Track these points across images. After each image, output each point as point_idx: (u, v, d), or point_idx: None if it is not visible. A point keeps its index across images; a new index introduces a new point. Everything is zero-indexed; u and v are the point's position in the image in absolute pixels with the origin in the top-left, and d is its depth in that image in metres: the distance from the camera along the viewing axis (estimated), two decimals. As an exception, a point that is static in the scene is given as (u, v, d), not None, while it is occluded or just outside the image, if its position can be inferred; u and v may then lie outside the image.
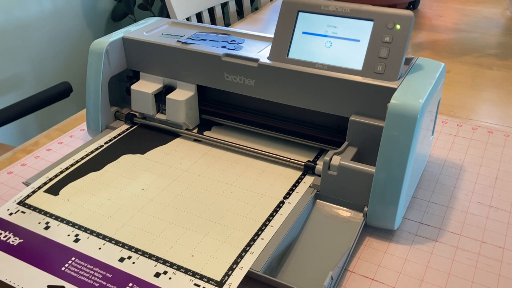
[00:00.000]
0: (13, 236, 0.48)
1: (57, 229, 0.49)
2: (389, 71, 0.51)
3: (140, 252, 0.46)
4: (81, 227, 0.49)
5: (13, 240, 0.48)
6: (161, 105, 0.64)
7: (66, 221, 0.50)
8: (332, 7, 0.54)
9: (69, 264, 0.45)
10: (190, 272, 0.43)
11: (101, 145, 0.61)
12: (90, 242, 0.47)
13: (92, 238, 0.47)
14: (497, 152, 0.65)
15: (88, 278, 0.43)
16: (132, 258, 0.45)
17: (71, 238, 0.47)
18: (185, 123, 0.63)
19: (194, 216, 0.50)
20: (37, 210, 0.51)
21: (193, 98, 0.63)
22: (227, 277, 0.43)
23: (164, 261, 0.45)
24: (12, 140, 1.65)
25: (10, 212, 0.51)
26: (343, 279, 0.46)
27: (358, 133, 0.52)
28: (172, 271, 0.44)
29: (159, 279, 0.43)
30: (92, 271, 0.44)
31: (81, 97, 1.61)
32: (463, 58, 0.94)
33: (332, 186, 0.52)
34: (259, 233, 0.48)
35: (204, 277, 0.43)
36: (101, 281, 0.43)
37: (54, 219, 0.50)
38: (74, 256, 0.46)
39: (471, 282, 0.46)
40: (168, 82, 0.64)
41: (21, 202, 0.52)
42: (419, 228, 0.52)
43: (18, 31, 1.60)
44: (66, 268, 0.45)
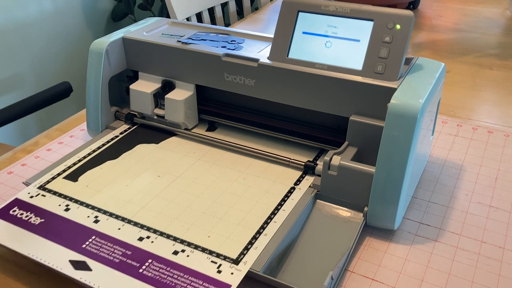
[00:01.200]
0: (34, 216, 0.50)
1: (77, 211, 0.51)
2: (389, 71, 0.51)
3: (159, 232, 0.48)
4: (100, 210, 0.51)
5: (34, 220, 0.50)
6: (160, 100, 0.64)
7: (85, 204, 0.52)
8: (332, 7, 0.54)
9: (89, 242, 0.47)
10: (207, 250, 0.46)
11: (116, 135, 0.63)
12: (109, 223, 0.49)
13: (111, 220, 0.49)
14: (497, 152, 0.65)
15: (108, 254, 0.45)
16: (150, 237, 0.47)
17: (91, 219, 0.50)
18: (184, 123, 0.63)
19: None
20: (57, 194, 0.53)
21: (192, 97, 0.63)
22: (242, 256, 0.45)
23: (182, 240, 0.47)
24: (12, 140, 1.65)
25: (31, 195, 0.53)
26: (343, 279, 0.46)
27: (358, 133, 0.52)
28: (190, 250, 0.46)
29: (177, 256, 0.45)
30: (112, 248, 0.46)
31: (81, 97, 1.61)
32: (463, 58, 0.94)
33: (332, 186, 0.52)
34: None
35: (221, 255, 0.45)
36: (121, 257, 0.45)
37: (74, 202, 0.52)
38: (94, 235, 0.48)
39: (471, 282, 0.46)
40: (166, 81, 0.64)
41: (41, 187, 0.54)
42: (419, 228, 0.52)
43: (18, 31, 1.60)
44: (87, 246, 0.46)
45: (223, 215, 0.50)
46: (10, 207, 0.51)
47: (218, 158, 0.59)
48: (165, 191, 0.54)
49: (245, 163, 0.58)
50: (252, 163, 0.58)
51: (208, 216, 0.50)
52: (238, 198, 0.52)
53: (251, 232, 0.48)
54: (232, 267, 0.44)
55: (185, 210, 0.51)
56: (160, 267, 0.44)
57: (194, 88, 0.62)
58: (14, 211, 0.51)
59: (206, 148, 0.61)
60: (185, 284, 0.42)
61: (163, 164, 0.58)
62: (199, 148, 0.61)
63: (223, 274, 0.43)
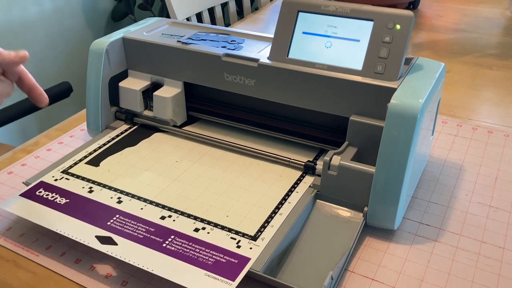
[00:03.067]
0: (59, 197, 0.52)
1: (100, 193, 0.53)
2: (389, 71, 0.51)
3: (179, 212, 0.50)
4: (122, 192, 0.53)
5: (60, 200, 0.52)
6: (149, 102, 0.65)
7: (108, 186, 0.54)
8: (332, 7, 0.54)
9: (114, 220, 0.49)
10: (227, 228, 0.48)
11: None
12: (132, 203, 0.52)
13: (134, 201, 0.52)
14: (497, 152, 0.65)
15: (132, 231, 0.48)
16: (172, 216, 0.50)
17: (114, 200, 0.52)
18: (172, 120, 0.63)
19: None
20: (80, 177, 0.56)
21: (180, 95, 0.63)
22: (260, 233, 0.47)
23: (202, 219, 0.49)
24: (12, 140, 1.65)
25: (55, 179, 0.55)
26: (343, 279, 0.46)
27: (358, 133, 0.52)
28: (210, 227, 0.48)
29: (198, 233, 0.48)
30: (136, 226, 0.48)
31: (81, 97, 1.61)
32: (463, 58, 0.94)
33: (332, 186, 0.52)
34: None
35: (239, 232, 0.48)
36: (145, 234, 0.47)
37: (96, 185, 0.54)
38: (118, 214, 0.50)
39: (471, 282, 0.46)
40: (155, 79, 0.64)
41: (65, 171, 0.57)
42: (419, 228, 0.52)
43: (18, 31, 1.60)
44: (112, 223, 0.49)
45: (238, 199, 0.52)
46: (36, 188, 0.53)
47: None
48: (184, 175, 0.56)
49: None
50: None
51: (225, 198, 0.52)
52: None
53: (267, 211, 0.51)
54: (250, 242, 0.46)
55: (203, 193, 0.53)
56: (183, 242, 0.47)
57: (182, 85, 0.63)
58: (40, 192, 0.53)
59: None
60: (207, 257, 0.45)
61: (179, 151, 0.60)
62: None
63: (243, 248, 0.46)
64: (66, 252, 0.49)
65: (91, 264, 0.48)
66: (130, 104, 0.65)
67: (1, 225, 0.53)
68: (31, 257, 0.49)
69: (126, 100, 0.65)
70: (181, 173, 0.56)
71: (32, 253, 0.49)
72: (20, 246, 0.50)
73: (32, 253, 0.49)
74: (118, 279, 0.46)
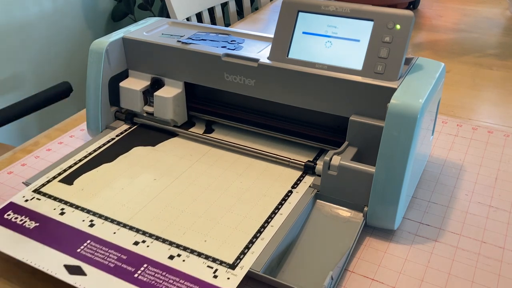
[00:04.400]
0: (29, 220, 0.49)
1: (72, 215, 0.50)
2: (389, 71, 0.51)
3: (154, 236, 0.47)
4: (95, 214, 0.50)
5: (29, 223, 0.49)
6: (149, 97, 0.65)
7: (81, 208, 0.51)
8: (332, 7, 0.54)
9: (84, 246, 0.46)
10: (203, 255, 0.45)
11: (113, 138, 0.63)
12: (105, 227, 0.48)
13: (106, 224, 0.49)
14: (497, 152, 0.65)
15: (103, 259, 0.45)
16: (146, 242, 0.47)
17: (86, 223, 0.49)
18: (173, 120, 0.63)
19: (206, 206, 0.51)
20: (52, 197, 0.52)
21: (181, 95, 0.63)
22: (239, 260, 0.44)
23: (178, 245, 0.46)
24: (12, 140, 1.65)
25: (25, 199, 0.52)
26: (343, 279, 0.46)
27: (358, 133, 0.52)
28: (186, 254, 0.45)
29: (173, 261, 0.45)
30: (107, 253, 0.46)
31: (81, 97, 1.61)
32: (463, 58, 0.94)
33: (332, 186, 0.52)
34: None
35: (217, 260, 0.45)
36: (116, 262, 0.45)
37: (69, 206, 0.51)
38: (89, 239, 0.47)
39: (471, 282, 0.46)
40: (156, 80, 0.64)
41: (36, 190, 0.53)
42: (419, 228, 0.52)
43: (18, 31, 1.60)
44: (82, 250, 0.46)
45: (220, 218, 0.50)
46: (5, 211, 0.50)
47: (218, 158, 0.59)
48: (161, 194, 0.53)
49: (245, 163, 0.58)
50: (252, 163, 0.58)
51: (204, 220, 0.49)
52: (236, 200, 0.52)
53: (247, 236, 0.47)
54: (228, 272, 0.43)
55: (181, 214, 0.50)
56: (156, 271, 0.44)
57: (182, 85, 0.63)
58: (8, 215, 0.50)
59: (206, 148, 0.61)
60: None
61: (160, 167, 0.57)
62: (199, 148, 0.61)
63: (219, 279, 0.43)
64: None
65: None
66: (131, 104, 0.65)
67: None
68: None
69: (127, 100, 0.65)
70: (159, 192, 0.53)
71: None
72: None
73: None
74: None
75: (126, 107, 0.65)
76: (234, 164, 0.58)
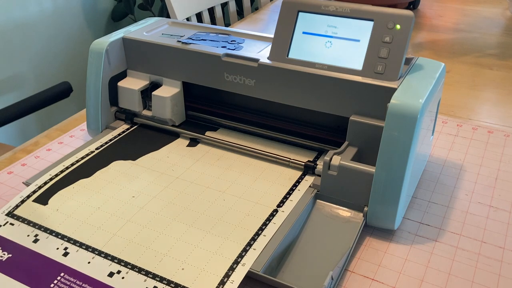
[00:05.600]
0: (1, 251, 0.47)
1: (46, 242, 0.48)
2: (389, 71, 0.51)
3: (130, 266, 0.45)
4: (70, 239, 0.48)
5: (2, 255, 0.47)
6: (148, 101, 0.65)
7: (55, 233, 0.48)
8: (332, 7, 0.54)
9: (58, 281, 0.44)
10: (180, 287, 0.42)
11: (92, 151, 0.60)
12: (79, 255, 0.46)
13: (81, 251, 0.46)
14: (497, 152, 0.65)
15: None
16: (121, 272, 0.44)
17: (60, 252, 0.47)
18: (171, 119, 0.63)
19: (185, 226, 0.49)
20: (25, 221, 0.50)
21: (179, 94, 0.63)
22: None
23: (154, 275, 0.44)
24: (12, 140, 1.65)
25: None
26: (343, 279, 0.46)
27: (358, 133, 0.52)
28: (162, 286, 0.43)
29: None
30: (81, 287, 0.43)
31: (81, 97, 1.61)
32: (463, 58, 0.94)
33: (332, 186, 0.52)
34: (256, 238, 0.47)
35: None
36: None
37: (43, 231, 0.49)
38: (63, 271, 0.45)
39: (471, 282, 0.46)
40: (154, 79, 0.64)
41: (10, 213, 0.51)
42: (419, 228, 0.52)
43: (18, 31, 1.60)
44: (55, 285, 0.44)
45: (199, 241, 0.47)
46: None
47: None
48: (139, 213, 0.50)
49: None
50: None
51: (182, 244, 0.47)
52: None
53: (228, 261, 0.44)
54: None
55: (158, 237, 0.47)
56: None
57: (181, 85, 0.63)
58: None
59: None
60: None
61: (138, 183, 0.55)
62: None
63: None
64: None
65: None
66: (129, 104, 0.65)
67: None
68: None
69: (125, 100, 0.65)
70: (137, 211, 0.50)
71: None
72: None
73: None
74: None
75: (124, 106, 0.65)
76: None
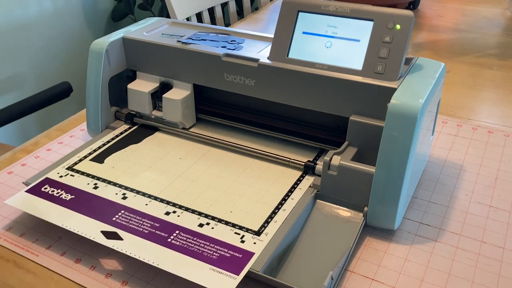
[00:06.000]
0: (65, 193, 0.53)
1: (105, 189, 0.54)
2: (389, 71, 0.51)
3: (184, 208, 0.51)
4: (127, 188, 0.54)
5: (65, 196, 0.52)
6: (158, 102, 0.64)
7: (113, 183, 0.55)
8: (332, 7, 0.54)
9: (119, 216, 0.50)
10: (231, 224, 0.49)
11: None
12: (137, 199, 0.52)
13: (138, 197, 0.53)
14: (497, 152, 0.65)
15: (138, 226, 0.48)
16: (177, 212, 0.50)
17: (119, 196, 0.53)
18: (181, 122, 0.63)
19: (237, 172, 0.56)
20: (85, 174, 0.56)
21: (190, 97, 0.63)
22: (263, 228, 0.48)
23: (206, 215, 0.50)
24: (12, 140, 1.65)
25: (60, 175, 0.56)
26: (343, 279, 0.46)
27: (358, 133, 0.52)
28: (214, 223, 0.49)
29: (202, 228, 0.48)
30: (141, 221, 0.49)
31: (81, 97, 1.61)
32: (463, 58, 0.94)
33: (332, 186, 0.52)
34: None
35: (243, 227, 0.48)
36: (150, 229, 0.48)
37: (101, 181, 0.55)
38: (123, 209, 0.51)
39: (471, 282, 0.46)
40: (164, 81, 0.64)
41: (70, 168, 0.57)
42: (419, 228, 0.52)
43: (18, 31, 1.60)
44: (117, 218, 0.49)
45: (241, 195, 0.53)
46: (42, 185, 0.54)
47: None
48: (186, 172, 0.57)
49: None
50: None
51: (228, 195, 0.53)
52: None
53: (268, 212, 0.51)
54: (254, 237, 0.47)
55: (207, 189, 0.54)
56: (187, 237, 0.47)
57: (191, 87, 0.63)
58: (45, 189, 0.53)
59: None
60: (212, 251, 0.46)
61: (182, 149, 0.61)
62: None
63: (246, 243, 0.46)
64: (66, 252, 0.49)
65: (91, 264, 0.48)
66: (139, 106, 0.64)
67: (1, 224, 0.53)
68: (31, 257, 0.49)
69: (135, 102, 0.65)
70: (185, 170, 0.57)
71: (32, 253, 0.49)
72: (20, 246, 0.50)
73: (32, 253, 0.49)
74: (118, 279, 0.46)
75: (134, 109, 0.65)
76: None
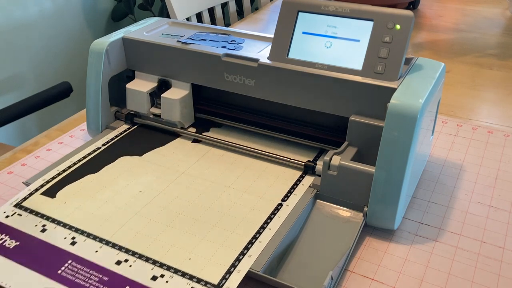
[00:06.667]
0: (9, 239, 0.48)
1: (53, 232, 0.48)
2: (389, 71, 0.51)
3: (137, 255, 0.45)
4: (78, 230, 0.48)
5: (9, 243, 0.47)
6: (156, 99, 0.65)
7: (63, 223, 0.49)
8: (332, 7, 0.54)
9: (65, 267, 0.45)
10: (187, 275, 0.43)
11: (98, 147, 0.61)
12: (87, 245, 0.47)
13: (88, 241, 0.47)
14: (497, 152, 0.65)
15: (84, 281, 0.43)
16: (129, 261, 0.45)
17: (68, 241, 0.47)
18: (180, 122, 0.63)
19: (191, 219, 0.50)
20: (33, 212, 0.51)
21: (188, 96, 0.63)
22: (224, 281, 0.42)
23: (161, 264, 0.44)
24: (12, 140, 1.65)
25: (6, 215, 0.50)
26: (343, 279, 0.46)
27: (358, 133, 0.52)
28: (169, 274, 0.43)
29: (156, 282, 0.43)
30: (89, 274, 0.44)
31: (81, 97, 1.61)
32: (463, 58, 0.94)
33: (332, 186, 0.52)
34: (257, 236, 0.47)
35: (202, 280, 0.43)
36: (97, 284, 0.43)
37: (50, 222, 0.49)
38: (71, 259, 0.45)
39: (471, 282, 0.46)
40: (163, 81, 0.64)
41: (18, 205, 0.52)
42: (419, 228, 0.52)
43: (18, 31, 1.60)
44: (63, 271, 0.44)
45: (206, 234, 0.47)
46: None
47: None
48: (146, 207, 0.51)
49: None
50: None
51: (190, 236, 0.47)
52: (223, 214, 0.50)
53: (234, 252, 0.45)
54: None
55: (165, 229, 0.48)
56: None
57: (190, 87, 0.63)
58: None
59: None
60: None
61: (146, 178, 0.55)
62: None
63: None
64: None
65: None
66: (137, 106, 0.64)
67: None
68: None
69: (133, 102, 0.65)
70: (144, 205, 0.51)
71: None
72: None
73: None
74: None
75: (132, 109, 0.65)
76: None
